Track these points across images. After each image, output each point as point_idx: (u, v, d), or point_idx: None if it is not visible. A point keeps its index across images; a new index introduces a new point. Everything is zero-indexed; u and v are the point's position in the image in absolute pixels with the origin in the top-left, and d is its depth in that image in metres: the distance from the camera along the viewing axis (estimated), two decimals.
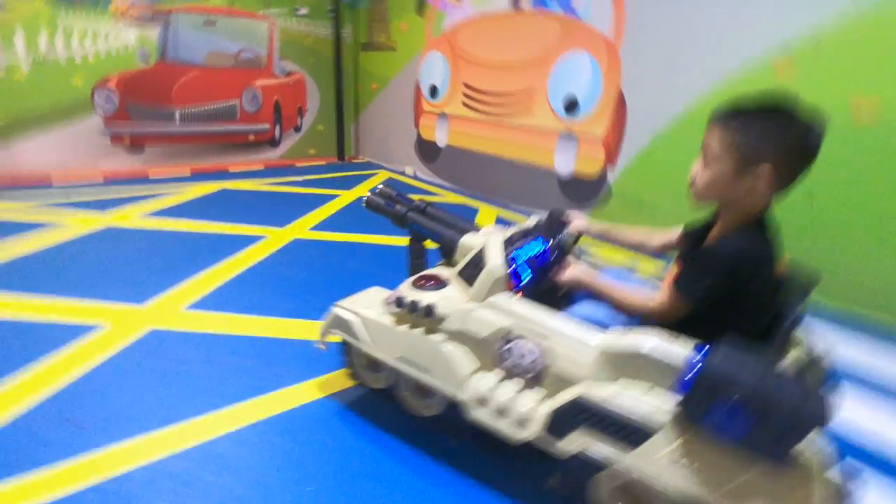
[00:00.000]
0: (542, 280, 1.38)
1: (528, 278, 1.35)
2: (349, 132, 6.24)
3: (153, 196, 4.00)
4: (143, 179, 4.66)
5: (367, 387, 1.67)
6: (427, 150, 5.26)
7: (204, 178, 4.77)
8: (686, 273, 1.17)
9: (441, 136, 5.03)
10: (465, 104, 4.61)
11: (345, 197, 4.32)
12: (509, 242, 1.42)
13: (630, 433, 1.05)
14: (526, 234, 1.52)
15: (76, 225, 3.18)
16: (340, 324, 1.54)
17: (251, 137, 5.64)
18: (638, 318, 1.25)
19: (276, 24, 5.48)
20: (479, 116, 4.50)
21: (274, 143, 5.84)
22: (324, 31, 5.82)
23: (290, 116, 5.89)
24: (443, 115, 4.93)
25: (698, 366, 0.96)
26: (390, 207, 1.72)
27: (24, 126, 4.35)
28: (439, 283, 1.45)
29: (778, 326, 1.12)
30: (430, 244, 1.67)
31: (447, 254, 1.63)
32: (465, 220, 1.69)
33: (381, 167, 5.80)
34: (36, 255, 2.67)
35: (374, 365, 1.61)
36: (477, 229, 1.62)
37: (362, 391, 1.69)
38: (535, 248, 1.44)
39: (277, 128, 5.79)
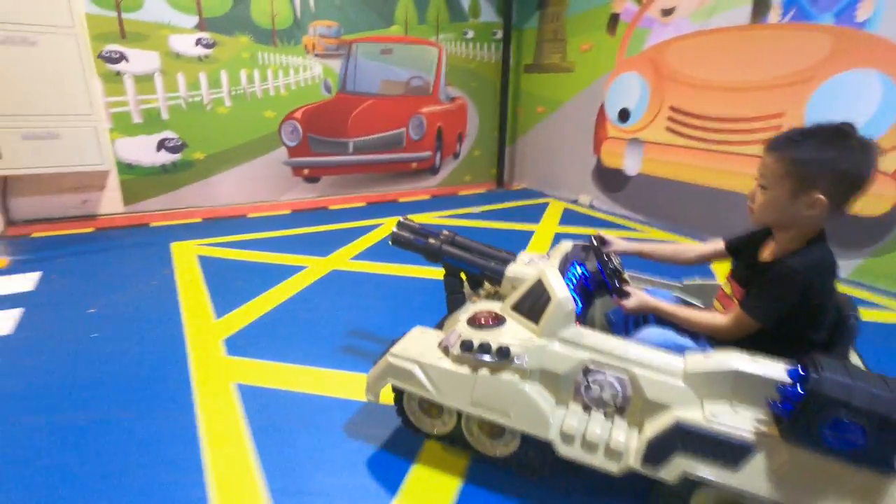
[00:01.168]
0: (590, 306, 1.46)
1: (579, 307, 1.34)
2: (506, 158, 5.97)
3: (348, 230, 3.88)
4: (323, 210, 4.61)
5: (426, 434, 1.51)
6: (610, 179, 4.83)
7: (379, 210, 4.63)
8: (758, 296, 1.19)
9: (631, 164, 4.57)
10: (670, 129, 4.14)
11: (542, 231, 3.98)
12: (560, 272, 1.40)
13: (729, 452, 1.06)
14: (566, 262, 1.51)
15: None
16: (397, 373, 1.40)
17: (414, 165, 5.51)
18: (703, 338, 1.31)
19: (444, 49, 5.33)
20: (689, 143, 4.01)
21: (434, 170, 5.68)
22: (487, 54, 5.61)
23: (451, 143, 5.71)
24: (635, 142, 4.48)
25: (800, 385, 0.98)
26: (421, 243, 1.66)
27: (222, 160, 4.44)
28: (498, 321, 1.37)
29: (838, 334, 1.20)
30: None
31: (478, 285, 1.64)
32: (498, 249, 1.67)
33: (543, 195, 5.44)
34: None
35: (434, 411, 1.49)
36: (513, 258, 1.61)
37: None
38: (577, 273, 1.48)
39: (438, 155, 5.62)
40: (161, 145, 4.15)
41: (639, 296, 1.38)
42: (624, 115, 4.53)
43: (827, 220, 1.15)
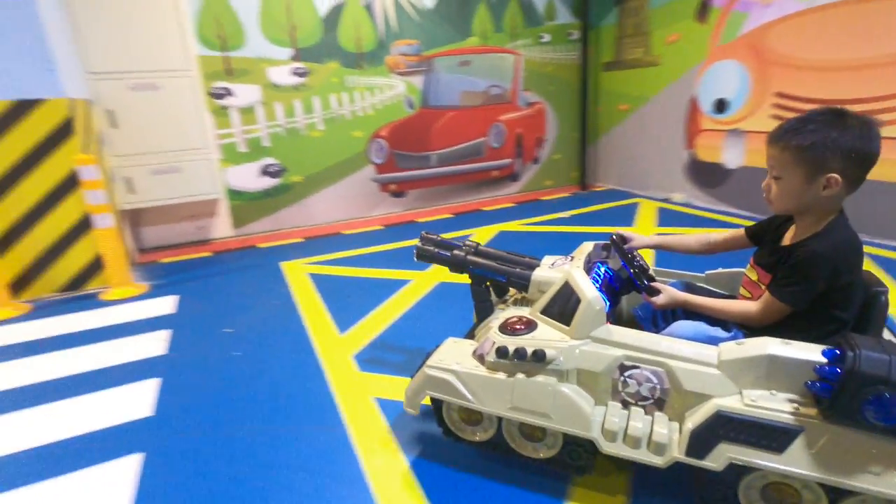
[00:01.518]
0: (617, 304, 1.50)
1: (608, 305, 1.35)
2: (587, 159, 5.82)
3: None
4: (412, 224, 4.71)
5: (467, 442, 1.52)
6: (707, 174, 4.57)
7: (467, 220, 4.67)
8: (785, 280, 1.20)
9: (731, 157, 4.30)
10: (777, 117, 3.85)
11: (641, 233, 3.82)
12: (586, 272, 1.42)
13: (773, 436, 1.07)
14: (590, 263, 1.53)
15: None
16: (436, 385, 1.43)
17: (495, 173, 5.51)
18: (735, 327, 1.31)
19: (521, 56, 5.31)
20: None
21: (514, 177, 5.65)
22: (563, 56, 5.52)
23: (530, 148, 5.66)
24: (735, 133, 4.21)
25: (838, 366, 0.99)
26: (446, 255, 1.67)
27: (317, 181, 4.67)
28: (530, 325, 1.39)
29: (868, 312, 1.21)
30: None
31: (503, 292, 1.67)
32: (521, 255, 1.67)
33: (630, 195, 5.24)
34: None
35: (473, 419, 1.51)
36: (537, 264, 1.62)
37: None
38: (601, 273, 1.48)
39: (518, 161, 5.59)
40: (264, 171, 4.43)
41: (668, 291, 1.39)
42: (721, 105, 4.28)
43: (844, 197, 1.18)
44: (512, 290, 1.69)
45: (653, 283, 1.43)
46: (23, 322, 2.81)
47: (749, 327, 1.29)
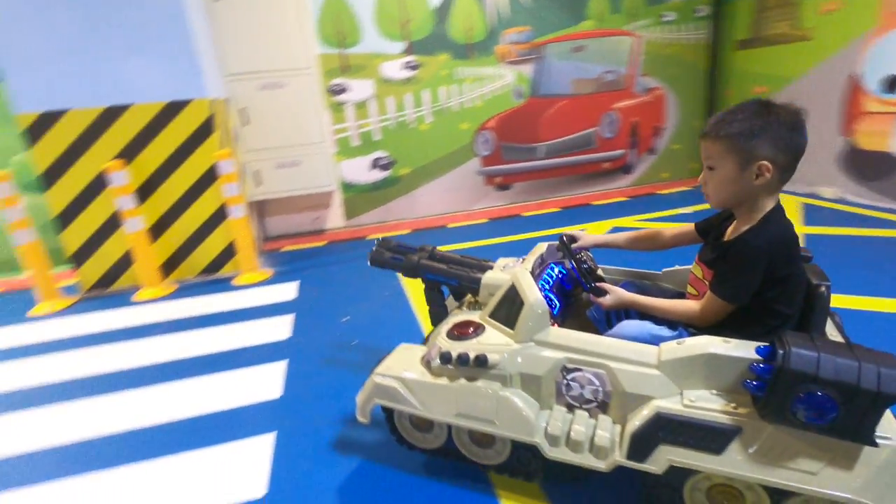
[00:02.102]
0: (569, 305, 1.49)
1: (557, 307, 1.38)
2: None
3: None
4: (518, 218, 4.58)
5: (419, 449, 1.51)
6: (869, 164, 3.90)
7: (574, 215, 4.43)
8: (723, 276, 1.20)
9: None
10: None
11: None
12: (533, 275, 1.40)
13: (711, 437, 1.06)
14: (542, 263, 1.52)
15: None
16: (383, 393, 1.41)
17: (606, 165, 5.19)
18: (682, 326, 1.29)
19: (641, 37, 4.92)
20: None
21: (627, 169, 5.28)
22: (689, 35, 5.02)
23: (646, 138, 5.24)
24: None
25: (770, 364, 0.98)
26: (399, 260, 1.67)
27: (424, 174, 4.72)
28: (476, 329, 1.38)
29: (811, 306, 1.19)
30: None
31: (461, 296, 1.67)
32: (476, 259, 1.68)
33: None
34: None
35: (423, 426, 1.49)
36: (490, 266, 1.61)
37: None
38: (553, 274, 1.48)
39: (632, 152, 5.21)
40: (374, 164, 4.56)
41: (615, 292, 1.38)
42: (894, 83, 3.61)
43: (778, 188, 1.18)
44: (469, 295, 1.65)
45: (600, 284, 1.41)
46: (170, 300, 3.14)
47: (696, 326, 1.27)
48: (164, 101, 3.17)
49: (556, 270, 1.51)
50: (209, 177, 3.35)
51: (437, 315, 1.64)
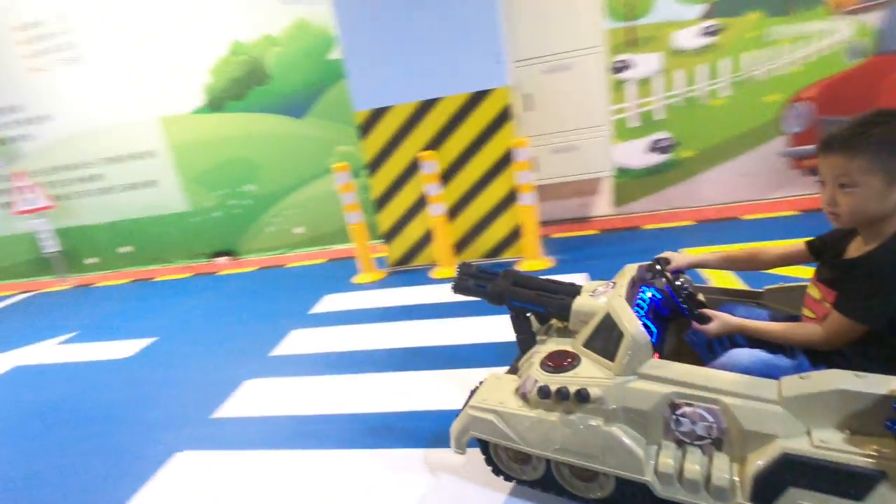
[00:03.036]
0: (666, 331, 1.39)
1: (654, 334, 1.30)
2: None
3: None
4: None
5: (518, 481, 1.46)
6: None
7: None
8: (853, 295, 1.11)
9: None
10: None
11: None
12: (628, 301, 1.32)
13: (850, 482, 0.95)
14: (633, 287, 1.43)
15: None
16: (479, 425, 1.39)
17: None
18: (801, 354, 1.21)
19: None
20: None
21: None
22: None
23: None
24: None
25: None
26: (483, 287, 1.60)
27: (710, 157, 4.11)
28: (572, 361, 1.33)
29: None
30: None
31: (546, 320, 1.58)
32: (561, 283, 1.58)
33: None
34: None
35: (521, 458, 1.44)
36: (578, 290, 1.51)
37: None
38: (647, 299, 1.41)
39: None
40: (652, 146, 4.15)
41: (720, 318, 1.27)
42: None
43: None
44: (555, 319, 1.55)
45: (703, 310, 1.30)
46: None
47: (820, 353, 1.16)
48: (469, 92, 3.34)
49: (650, 294, 1.42)
50: (501, 163, 3.44)
51: (526, 343, 1.55)
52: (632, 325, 1.22)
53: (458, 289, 1.66)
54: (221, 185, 5.02)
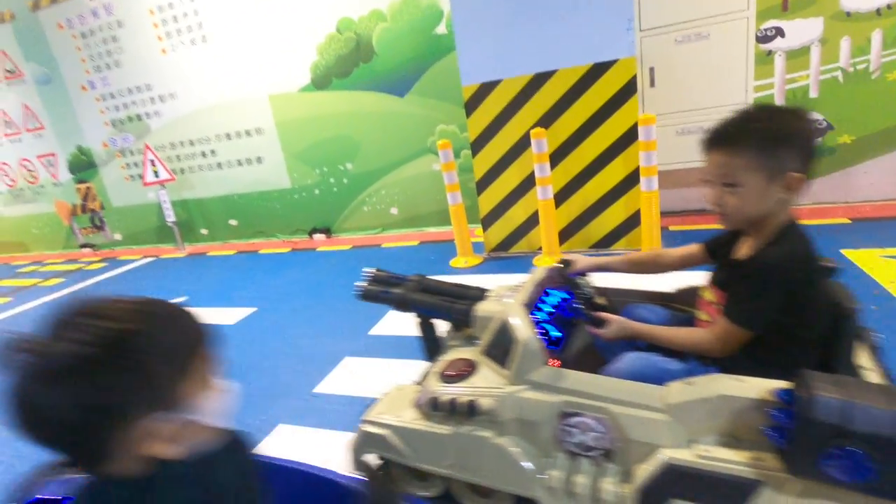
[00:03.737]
0: (572, 336, 1.34)
1: (558, 338, 1.27)
2: None
3: None
4: None
5: (420, 497, 1.42)
6: None
7: None
8: (738, 299, 1.08)
9: None
10: None
11: None
12: (528, 306, 1.29)
13: (730, 492, 0.95)
14: (537, 292, 1.40)
15: None
16: (373, 442, 1.34)
17: None
18: (693, 360, 1.16)
19: None
20: None
21: None
22: None
23: None
24: None
25: (791, 411, 0.85)
26: (387, 294, 1.56)
27: (874, 144, 3.44)
28: (469, 369, 1.29)
29: (838, 331, 1.05)
30: None
31: (459, 327, 1.52)
32: (468, 287, 1.57)
33: None
34: None
35: (420, 474, 1.38)
36: (485, 295, 1.50)
37: None
38: (551, 303, 1.37)
39: None
40: None
41: (616, 322, 1.23)
42: None
43: (796, 199, 1.05)
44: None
45: (599, 314, 1.25)
46: None
47: (711, 356, 1.12)
48: (589, 64, 3.02)
49: (560, 299, 1.40)
50: (621, 143, 3.09)
51: (432, 350, 1.55)
52: (523, 330, 1.18)
53: (364, 296, 1.60)
54: (322, 162, 5.10)
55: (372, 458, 1.41)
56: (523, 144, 3.24)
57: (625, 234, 3.27)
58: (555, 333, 1.28)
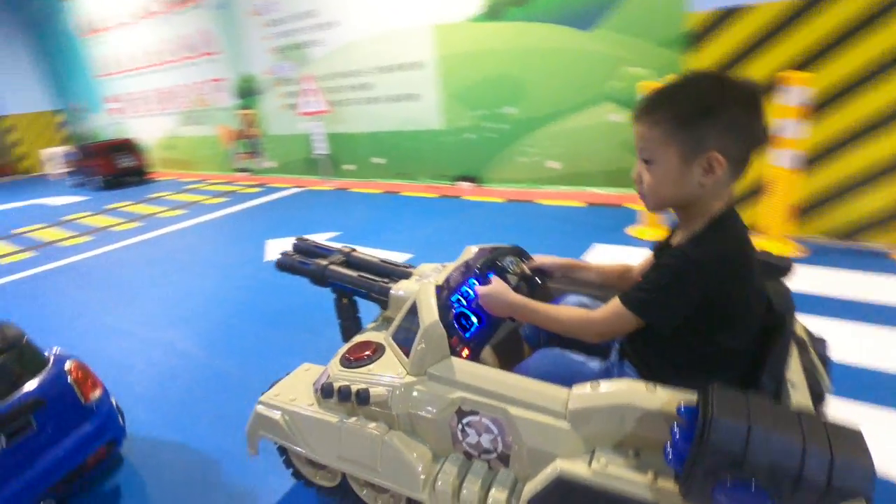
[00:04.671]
0: (496, 325, 1.19)
1: (475, 327, 1.12)
2: None
3: None
4: None
5: (316, 486, 1.36)
6: None
7: None
8: (640, 286, 0.93)
9: None
10: None
11: None
12: (445, 287, 1.14)
13: None
14: (465, 272, 1.23)
15: None
16: (266, 424, 1.24)
17: None
18: (617, 359, 1.06)
19: None
20: None
21: None
22: None
23: None
24: None
25: (691, 435, 0.74)
26: (306, 266, 1.44)
27: None
28: (373, 354, 1.18)
29: (772, 334, 0.91)
30: None
31: (383, 307, 1.40)
32: (397, 264, 1.47)
33: None
34: None
35: (316, 462, 1.31)
36: (409, 273, 1.41)
37: None
38: (476, 285, 1.21)
39: None
40: None
41: (497, 283, 1.12)
42: None
43: (730, 185, 0.90)
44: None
45: (489, 278, 1.14)
46: (804, 265, 2.39)
47: (589, 342, 1.01)
48: None
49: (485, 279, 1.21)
50: None
51: (348, 330, 1.43)
52: (428, 314, 1.05)
53: (281, 265, 1.50)
54: (481, 104, 4.69)
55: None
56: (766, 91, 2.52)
57: (882, 226, 2.47)
58: (473, 321, 1.12)
